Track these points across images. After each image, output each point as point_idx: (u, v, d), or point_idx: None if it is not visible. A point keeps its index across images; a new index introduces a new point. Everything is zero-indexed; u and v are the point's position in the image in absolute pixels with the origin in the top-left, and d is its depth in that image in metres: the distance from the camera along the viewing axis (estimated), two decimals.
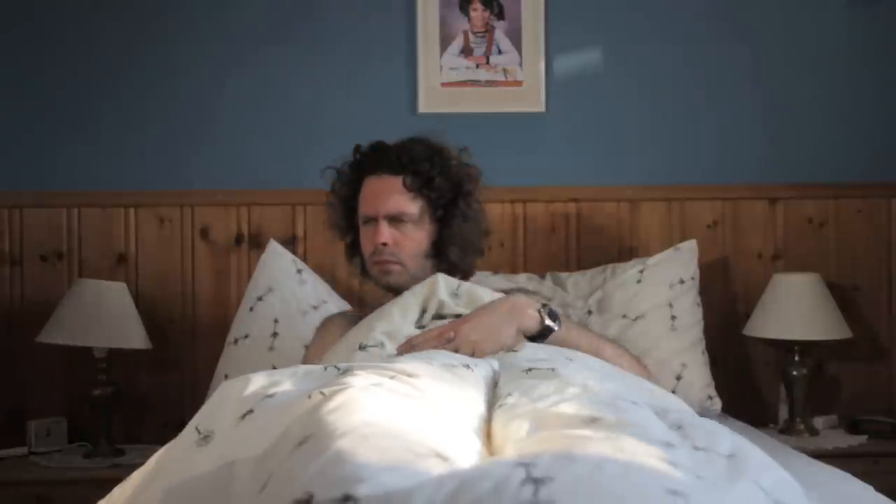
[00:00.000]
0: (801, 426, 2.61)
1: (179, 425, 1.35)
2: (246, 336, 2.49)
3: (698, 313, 2.60)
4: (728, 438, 1.14)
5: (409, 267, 1.96)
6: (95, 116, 2.78)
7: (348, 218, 2.06)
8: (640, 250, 2.80)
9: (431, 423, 1.11)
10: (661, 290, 2.56)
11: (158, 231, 2.77)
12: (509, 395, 1.30)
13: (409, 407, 1.16)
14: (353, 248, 2.09)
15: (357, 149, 2.05)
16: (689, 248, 2.67)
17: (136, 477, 1.25)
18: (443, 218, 1.98)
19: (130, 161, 2.78)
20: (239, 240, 2.78)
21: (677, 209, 2.83)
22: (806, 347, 2.64)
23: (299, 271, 2.60)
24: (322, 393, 1.16)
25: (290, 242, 2.74)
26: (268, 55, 2.79)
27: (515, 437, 1.14)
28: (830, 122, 2.87)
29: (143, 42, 2.79)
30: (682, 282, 2.60)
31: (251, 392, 1.23)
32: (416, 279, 1.92)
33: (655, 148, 2.84)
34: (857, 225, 2.85)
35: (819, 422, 2.68)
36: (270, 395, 1.22)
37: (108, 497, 1.27)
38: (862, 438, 2.60)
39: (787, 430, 2.60)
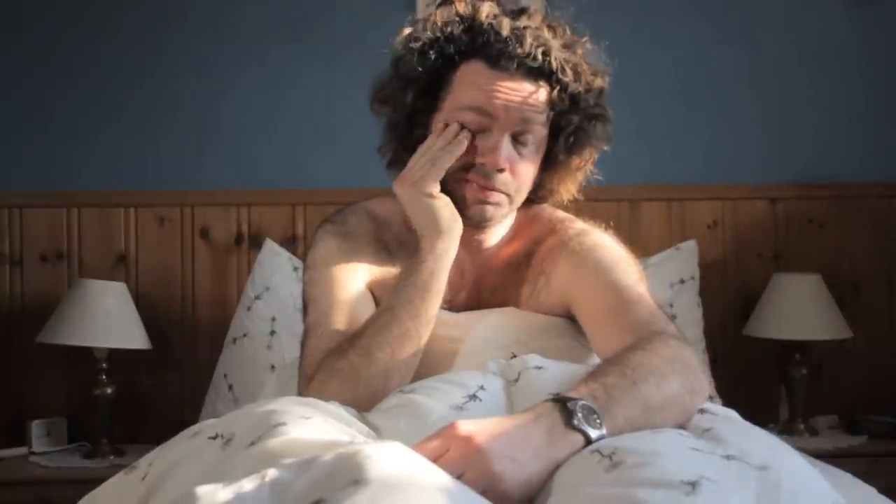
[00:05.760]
0: (801, 426, 2.61)
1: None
2: (244, 335, 2.50)
3: (698, 313, 2.60)
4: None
5: (514, 205, 1.51)
6: (96, 116, 2.78)
7: (416, 98, 1.51)
8: (640, 250, 2.78)
9: None
10: (661, 290, 2.56)
11: (158, 231, 2.77)
12: None
13: None
14: (412, 142, 1.49)
15: (457, 14, 1.49)
16: (689, 248, 2.68)
17: None
18: (563, 146, 1.53)
19: (130, 161, 2.78)
20: (239, 240, 2.77)
21: (677, 209, 2.83)
22: (806, 347, 2.64)
23: (296, 269, 2.60)
24: None
25: (290, 242, 2.74)
26: (269, 56, 2.79)
27: None
28: (830, 122, 2.87)
29: (144, 42, 2.79)
30: (682, 282, 2.60)
31: None
32: (506, 221, 1.54)
33: (655, 148, 2.84)
34: (857, 225, 2.85)
35: (819, 422, 2.68)
36: None
37: None
38: (862, 438, 2.60)
39: (787, 430, 2.59)
